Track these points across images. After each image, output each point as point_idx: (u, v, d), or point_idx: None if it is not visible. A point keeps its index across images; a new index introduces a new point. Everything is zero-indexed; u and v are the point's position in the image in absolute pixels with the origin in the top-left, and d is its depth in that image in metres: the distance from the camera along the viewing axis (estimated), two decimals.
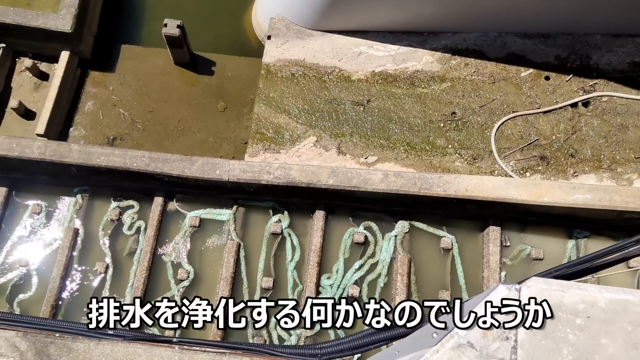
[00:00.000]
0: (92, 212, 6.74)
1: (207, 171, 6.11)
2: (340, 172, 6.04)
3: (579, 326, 2.32)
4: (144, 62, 8.42)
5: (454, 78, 7.54)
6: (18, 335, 4.19)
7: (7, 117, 7.87)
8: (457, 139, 7.19)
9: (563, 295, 2.37)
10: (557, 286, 2.40)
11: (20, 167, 6.41)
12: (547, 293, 2.38)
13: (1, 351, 4.18)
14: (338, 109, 7.36)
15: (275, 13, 7.99)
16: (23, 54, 8.18)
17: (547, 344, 2.31)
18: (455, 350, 2.37)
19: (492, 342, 2.38)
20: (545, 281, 2.42)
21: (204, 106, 8.15)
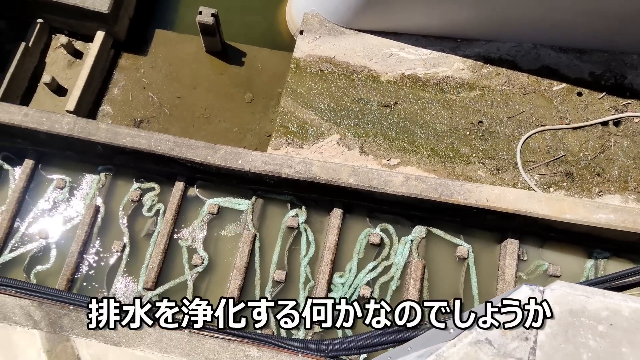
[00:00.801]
0: (114, 191, 6.84)
1: (229, 160, 6.14)
2: (361, 172, 6.03)
3: (601, 333, 2.29)
4: (176, 48, 8.51)
5: (484, 87, 7.46)
6: (33, 305, 4.27)
7: (39, 91, 8.03)
8: (482, 148, 7.11)
9: (587, 301, 2.34)
10: (582, 291, 2.37)
11: (48, 142, 6.53)
12: (570, 297, 2.35)
13: (15, 319, 4.27)
14: (364, 108, 7.34)
15: (309, 9, 8.00)
16: (59, 31, 8.34)
17: (567, 347, 2.28)
18: (473, 346, 2.35)
19: (510, 341, 2.36)
20: (569, 285, 2.39)
21: (232, 96, 8.20)
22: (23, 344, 4.22)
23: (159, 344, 4.08)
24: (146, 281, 6.20)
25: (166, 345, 4.13)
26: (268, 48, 8.52)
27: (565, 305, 2.35)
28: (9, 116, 6.26)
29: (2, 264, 6.46)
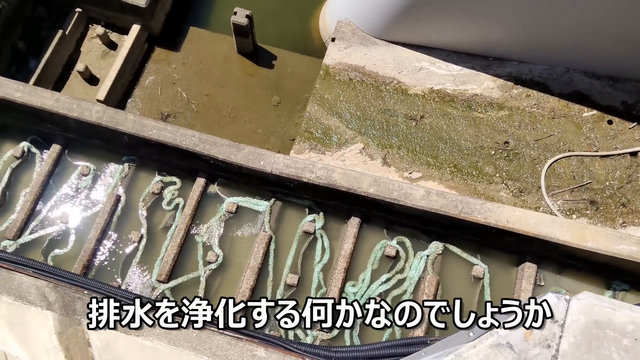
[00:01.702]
0: (136, 182, 6.92)
1: (252, 160, 6.17)
2: (382, 183, 6.00)
3: (625, 347, 2.24)
4: (208, 46, 8.61)
5: (512, 107, 7.39)
6: (49, 286, 4.33)
7: (72, 79, 8.19)
8: (506, 169, 7.03)
9: (613, 314, 2.29)
10: (609, 304, 2.33)
11: (76, 128, 6.64)
12: (597, 309, 2.31)
13: (30, 298, 4.33)
14: (390, 120, 7.33)
15: (343, 17, 8.03)
16: (96, 21, 8.51)
17: (589, 358, 2.23)
18: (493, 348, 2.31)
19: (532, 347, 2.32)
20: (597, 297, 2.35)
21: (259, 97, 8.26)
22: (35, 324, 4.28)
23: (169, 335, 4.10)
24: (160, 273, 6.24)
25: (175, 337, 4.15)
26: (299, 53, 8.56)
27: (591, 316, 2.31)
28: (41, 100, 6.39)
29: (21, 244, 6.57)
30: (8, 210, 6.81)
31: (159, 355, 4.09)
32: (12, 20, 7.82)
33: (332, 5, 8.60)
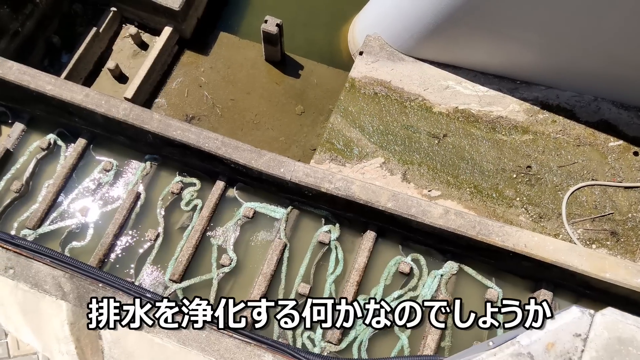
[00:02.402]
0: (157, 181, 7.00)
1: (272, 167, 6.20)
2: (400, 198, 5.98)
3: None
4: (237, 52, 8.71)
5: (537, 132, 7.33)
6: (65, 277, 4.38)
7: (102, 76, 8.34)
8: (527, 193, 6.95)
9: (637, 332, 2.25)
10: (633, 321, 2.29)
11: (103, 124, 6.76)
12: (621, 325, 2.28)
13: (46, 287, 4.39)
14: (412, 136, 7.31)
15: (372, 31, 8.07)
16: (130, 21, 8.67)
17: None
18: (514, 357, 2.28)
19: (553, 359, 2.28)
20: (621, 313, 2.32)
21: (283, 106, 8.31)
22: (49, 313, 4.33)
23: (178, 334, 4.12)
24: (173, 273, 6.28)
25: (184, 336, 4.16)
26: (325, 64, 8.62)
27: (615, 332, 2.28)
28: (71, 94, 6.52)
29: (40, 234, 6.67)
30: (30, 200, 6.93)
31: (168, 353, 4.10)
32: (49, 15, 8.01)
33: (362, 19, 8.66)
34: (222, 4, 9.22)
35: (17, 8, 7.37)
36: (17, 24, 7.46)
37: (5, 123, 7.44)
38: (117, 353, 4.08)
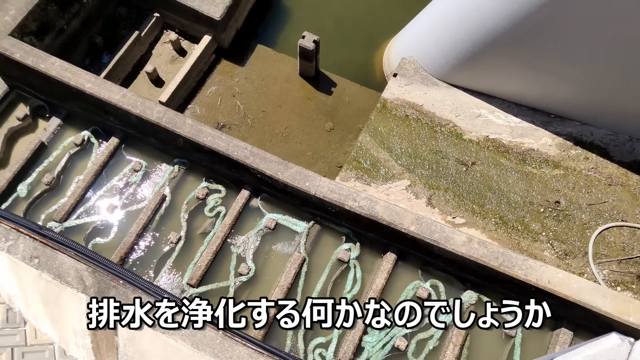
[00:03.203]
0: (183, 185, 7.08)
1: (298, 180, 6.22)
2: (424, 222, 5.93)
3: None
4: (272, 65, 8.81)
5: (568, 168, 7.21)
6: (87, 270, 4.44)
7: (139, 78, 8.52)
8: (554, 229, 6.82)
9: None
10: None
11: (136, 125, 6.88)
12: None
13: (69, 279, 4.45)
14: (441, 161, 7.27)
15: (408, 54, 8.10)
16: (171, 27, 8.87)
17: None
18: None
19: None
20: None
21: (313, 121, 8.36)
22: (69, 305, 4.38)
23: (193, 338, 4.12)
24: (191, 277, 6.31)
25: (199, 340, 4.16)
26: (359, 84, 8.65)
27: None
28: (109, 94, 6.67)
29: (66, 228, 6.78)
30: (59, 193, 7.07)
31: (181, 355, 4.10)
32: (94, 16, 8.25)
33: (399, 42, 8.70)
34: (261, 18, 9.38)
35: (65, 7, 7.61)
36: (63, 22, 7.69)
37: (42, 117, 7.65)
38: (132, 351, 4.10)
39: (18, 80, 7.37)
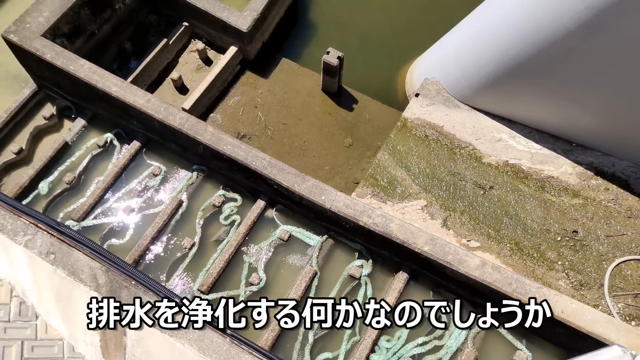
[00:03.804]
0: (200, 191, 7.15)
1: (314, 193, 6.25)
2: (438, 243, 5.89)
3: None
4: (295, 79, 8.90)
5: (588, 197, 7.12)
6: (101, 269, 4.49)
7: (164, 85, 8.66)
8: (570, 258, 6.72)
9: None
10: None
11: (158, 130, 6.99)
12: None
13: (82, 277, 4.50)
14: (458, 184, 7.23)
15: (431, 75, 8.12)
16: (199, 37, 9.02)
17: None
18: None
19: None
20: None
21: (332, 136, 8.39)
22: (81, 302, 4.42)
23: (200, 343, 4.12)
24: (202, 284, 6.34)
25: (206, 346, 4.16)
26: (380, 101, 8.68)
27: None
28: (134, 98, 6.80)
29: (83, 227, 6.89)
30: (79, 193, 7.19)
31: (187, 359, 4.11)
32: (125, 22, 8.43)
33: (423, 62, 8.73)
34: (288, 32, 9.50)
35: (97, 12, 7.80)
36: (94, 26, 7.88)
37: (68, 117, 7.81)
38: (139, 352, 4.12)
39: (47, 81, 7.55)
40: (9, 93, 8.03)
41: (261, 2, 8.50)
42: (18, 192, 7.03)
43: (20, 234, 4.96)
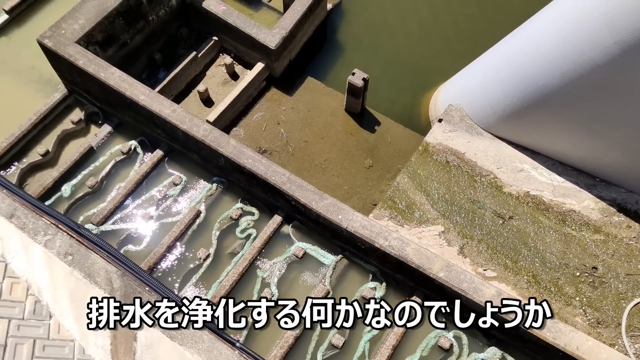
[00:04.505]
0: (219, 203, 7.20)
1: (331, 211, 6.24)
2: (454, 270, 5.83)
3: None
4: (319, 98, 8.97)
5: (609, 234, 6.99)
6: (117, 273, 4.52)
7: (190, 96, 8.80)
8: (588, 295, 6.58)
9: None
10: None
11: (182, 140, 7.09)
12: None
13: (98, 279, 4.54)
14: (477, 211, 7.17)
15: (455, 102, 8.12)
16: (227, 52, 9.18)
17: None
18: None
19: None
20: None
21: (353, 157, 8.41)
22: None
23: (209, 353, 4.11)
24: (214, 295, 6.34)
25: (214, 357, 4.15)
26: (402, 125, 8.69)
27: None
28: (160, 107, 6.91)
29: (102, 231, 6.96)
30: (100, 197, 7.30)
31: None
32: (157, 34, 8.63)
33: (448, 88, 8.74)
34: (315, 51, 9.61)
35: (131, 22, 8.00)
36: (127, 36, 8.07)
37: (95, 123, 7.97)
38: (148, 358, 4.12)
39: (78, 86, 7.73)
40: (41, 96, 8.23)
41: (290, 21, 8.64)
42: (41, 193, 7.15)
43: (40, 234, 5.03)
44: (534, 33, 7.08)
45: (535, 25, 7.17)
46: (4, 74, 8.53)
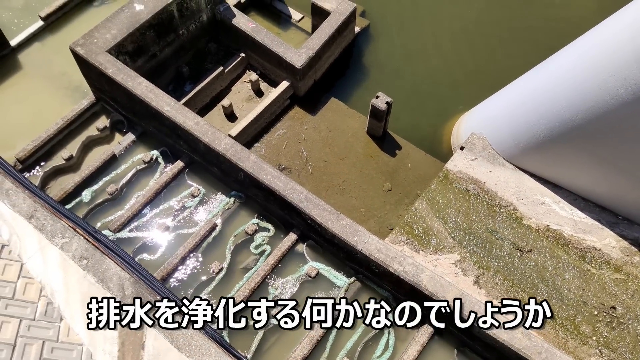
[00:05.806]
0: (235, 218, 7.21)
1: (347, 233, 6.21)
2: (468, 300, 5.72)
3: None
4: (341, 119, 9.00)
5: (630, 274, 6.82)
6: (130, 280, 4.54)
7: (214, 110, 8.91)
8: (606, 335, 6.40)
9: None
10: None
11: (203, 152, 7.15)
12: None
13: (110, 285, 4.56)
14: (495, 242, 7.06)
15: (478, 130, 8.07)
16: (254, 68, 9.29)
17: None
18: None
19: None
20: None
21: (372, 179, 8.38)
22: None
23: None
24: None
25: None
26: (423, 151, 8.66)
27: None
28: (184, 119, 7.00)
29: (118, 238, 7.02)
30: (118, 205, 7.37)
31: None
32: (186, 47, 8.79)
33: (471, 117, 8.70)
34: (340, 73, 9.68)
35: (162, 35, 8.17)
36: (157, 48, 8.23)
37: (119, 131, 8.10)
38: None
39: (105, 94, 7.88)
40: (69, 102, 8.39)
41: (318, 42, 8.72)
42: (62, 197, 7.25)
43: (58, 236, 5.08)
44: (561, 67, 7.04)
45: (563, 59, 7.13)
46: (35, 78, 8.74)
